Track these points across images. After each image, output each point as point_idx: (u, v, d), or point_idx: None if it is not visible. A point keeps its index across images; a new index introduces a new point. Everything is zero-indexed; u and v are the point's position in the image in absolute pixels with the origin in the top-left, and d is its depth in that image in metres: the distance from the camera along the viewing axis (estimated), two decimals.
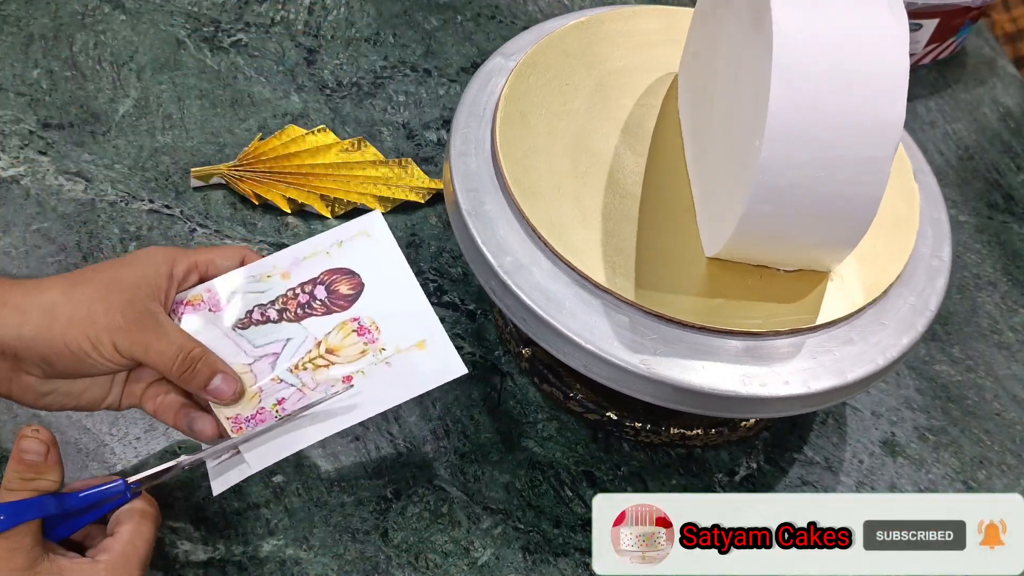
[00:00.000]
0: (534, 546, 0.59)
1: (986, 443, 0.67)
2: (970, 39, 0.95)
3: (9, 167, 0.71)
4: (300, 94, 0.79)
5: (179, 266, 0.53)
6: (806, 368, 0.52)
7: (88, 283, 0.50)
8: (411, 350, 0.53)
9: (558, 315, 0.51)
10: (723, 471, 0.63)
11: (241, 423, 0.51)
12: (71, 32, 0.80)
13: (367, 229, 0.57)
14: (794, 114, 0.47)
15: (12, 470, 0.46)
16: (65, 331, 0.48)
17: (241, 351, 0.53)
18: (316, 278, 0.55)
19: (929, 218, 0.59)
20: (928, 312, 0.55)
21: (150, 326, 0.50)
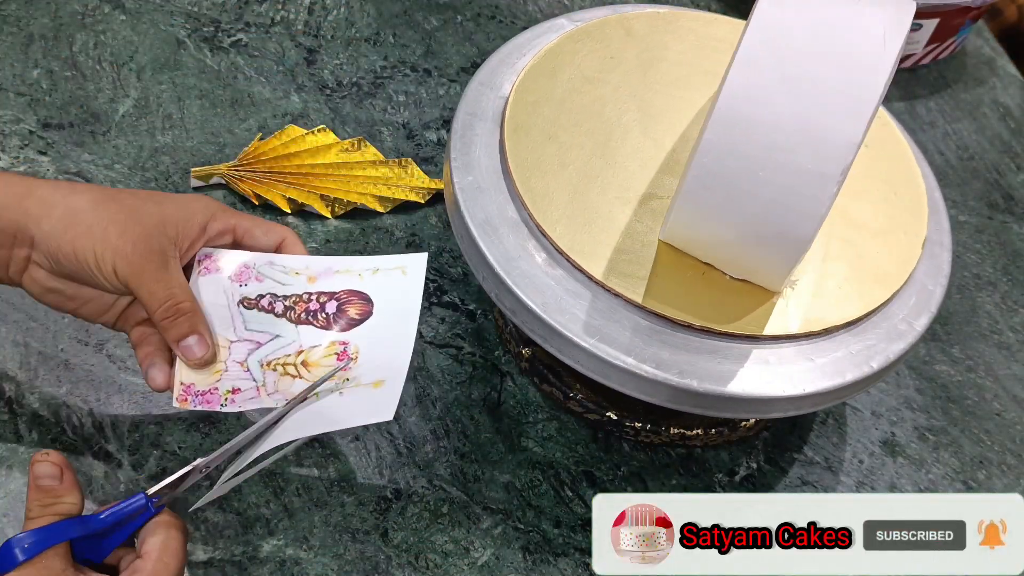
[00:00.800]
0: (534, 546, 0.59)
1: (986, 443, 0.67)
2: (970, 39, 0.95)
3: (9, 167, 0.71)
4: (300, 94, 0.79)
5: (216, 222, 0.53)
6: (806, 369, 0.52)
7: (118, 203, 0.50)
8: (367, 387, 0.51)
9: (558, 315, 0.51)
10: (723, 471, 0.63)
11: (190, 395, 0.51)
12: (71, 32, 0.80)
13: (406, 266, 0.55)
14: (746, 105, 0.46)
15: (31, 499, 0.46)
16: (77, 238, 0.49)
17: (232, 326, 0.53)
18: (335, 293, 0.54)
19: (929, 218, 0.59)
20: (928, 312, 0.55)
21: (154, 264, 0.50)
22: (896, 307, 0.55)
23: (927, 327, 0.55)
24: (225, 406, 0.51)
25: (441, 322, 0.67)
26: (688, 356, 0.51)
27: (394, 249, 0.70)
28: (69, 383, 0.61)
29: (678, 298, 0.52)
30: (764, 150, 0.47)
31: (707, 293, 0.53)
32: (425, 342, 0.66)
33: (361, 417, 0.51)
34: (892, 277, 0.54)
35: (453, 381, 0.65)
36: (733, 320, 0.51)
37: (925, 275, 0.56)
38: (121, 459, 0.58)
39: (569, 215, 0.54)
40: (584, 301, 0.52)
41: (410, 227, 0.72)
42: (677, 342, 0.51)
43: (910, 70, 0.91)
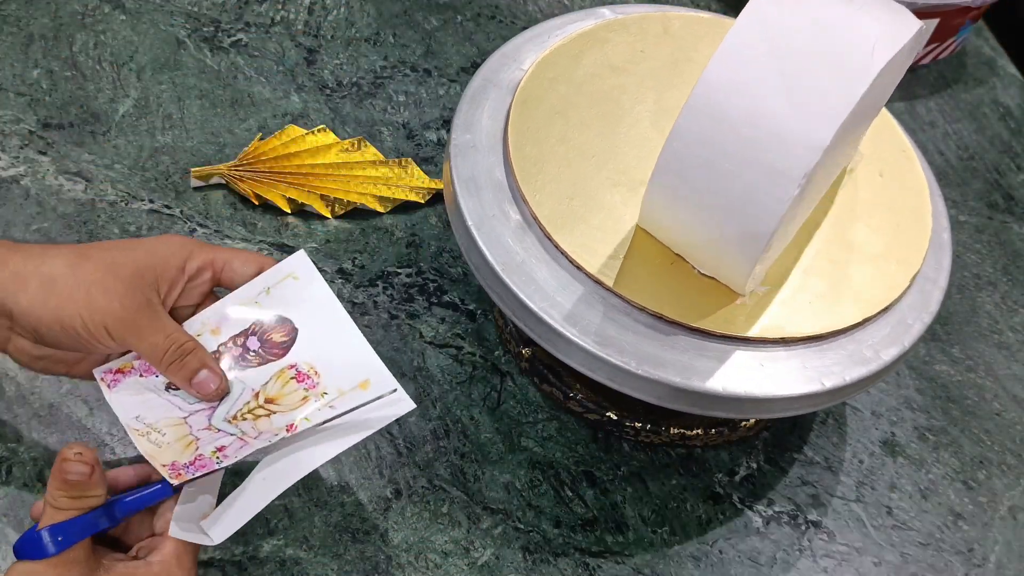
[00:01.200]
0: (534, 546, 0.59)
1: (986, 443, 0.67)
2: (970, 39, 0.95)
3: (9, 167, 0.71)
4: (300, 94, 0.79)
5: (194, 260, 0.52)
6: (806, 368, 0.52)
7: (94, 262, 0.49)
8: (355, 391, 0.51)
9: (558, 315, 0.51)
10: (723, 471, 0.63)
11: (179, 469, 0.48)
12: (71, 32, 0.80)
13: (294, 271, 0.54)
14: (721, 96, 0.46)
15: (57, 488, 0.45)
16: (60, 308, 0.48)
17: (175, 407, 0.51)
18: (247, 329, 0.53)
19: (928, 255, 0.58)
20: (928, 312, 0.55)
21: (146, 316, 0.49)
22: (896, 307, 0.55)
23: (927, 327, 0.55)
24: (221, 463, 0.48)
25: (441, 322, 0.67)
26: (688, 356, 0.51)
27: (394, 249, 0.70)
28: (69, 383, 0.61)
29: (646, 285, 0.52)
30: (732, 142, 0.47)
31: (673, 285, 0.53)
32: (425, 342, 0.66)
33: (379, 418, 0.50)
34: (869, 303, 0.53)
35: (453, 381, 0.65)
36: (692, 314, 0.51)
37: (925, 275, 0.56)
38: (122, 459, 0.58)
39: (553, 185, 0.55)
40: (584, 301, 0.52)
41: (410, 227, 0.72)
42: (678, 342, 0.51)
43: (910, 70, 0.91)
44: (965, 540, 0.63)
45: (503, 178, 0.56)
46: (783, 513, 0.62)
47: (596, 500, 0.61)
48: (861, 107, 0.47)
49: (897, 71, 0.51)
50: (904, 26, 0.47)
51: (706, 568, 0.59)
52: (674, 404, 0.51)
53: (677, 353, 0.51)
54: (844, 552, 0.61)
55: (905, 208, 0.58)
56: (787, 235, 0.53)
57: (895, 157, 0.60)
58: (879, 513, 0.63)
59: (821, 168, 0.48)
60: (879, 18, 0.47)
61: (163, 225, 0.69)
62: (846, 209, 0.57)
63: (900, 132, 0.62)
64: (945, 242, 0.59)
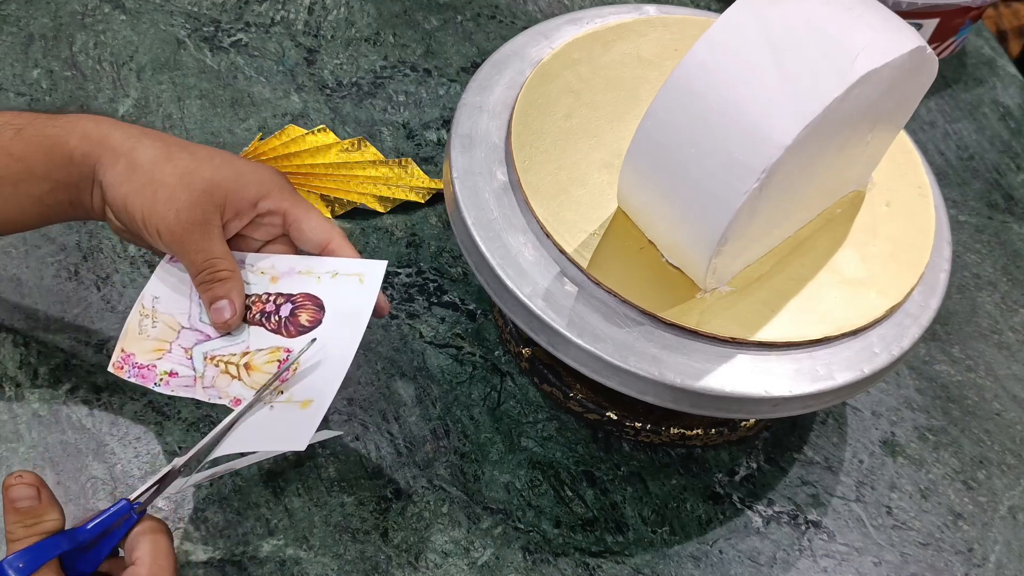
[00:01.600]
0: (534, 546, 0.59)
1: (986, 443, 0.67)
2: (970, 39, 0.95)
3: None
4: (300, 94, 0.79)
5: (268, 200, 0.54)
6: (806, 368, 0.52)
7: (174, 163, 0.52)
8: (295, 405, 0.50)
9: (558, 315, 0.51)
10: (723, 471, 0.63)
11: (127, 364, 0.52)
12: (71, 32, 0.80)
13: (363, 274, 0.54)
14: (697, 82, 0.47)
15: (10, 522, 0.45)
16: (129, 195, 0.51)
17: (187, 313, 0.54)
18: (293, 295, 0.54)
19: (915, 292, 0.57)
20: (928, 312, 0.55)
21: (195, 234, 0.52)
22: (896, 307, 0.55)
23: (927, 327, 0.55)
24: (158, 385, 0.51)
25: (441, 322, 0.67)
26: (688, 356, 0.51)
27: (394, 249, 0.70)
28: (69, 383, 0.61)
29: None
30: (700, 128, 0.47)
31: (639, 270, 0.53)
32: (425, 342, 0.66)
33: (273, 442, 0.50)
34: (836, 321, 0.53)
35: (453, 381, 0.65)
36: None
37: (907, 307, 0.55)
38: (121, 459, 0.58)
39: (544, 152, 0.55)
40: (584, 301, 0.52)
41: (410, 227, 0.72)
42: (677, 342, 0.51)
43: None
44: (965, 540, 0.63)
45: (500, 141, 0.57)
46: (783, 513, 0.62)
47: (596, 500, 0.61)
48: (841, 116, 0.46)
49: (897, 91, 0.50)
50: (898, 43, 0.46)
51: (706, 568, 0.59)
52: (677, 405, 0.51)
53: (640, 341, 0.51)
54: (844, 552, 0.61)
55: (905, 243, 0.57)
56: (760, 239, 0.52)
57: (908, 192, 0.59)
58: (879, 513, 0.63)
59: (796, 171, 0.47)
60: (875, 29, 0.46)
61: None
62: (843, 228, 0.57)
63: (920, 167, 0.60)
64: (934, 190, 0.59)
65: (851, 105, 0.46)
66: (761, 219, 0.50)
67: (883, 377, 0.55)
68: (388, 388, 0.64)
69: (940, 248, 0.58)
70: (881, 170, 0.59)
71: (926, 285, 0.56)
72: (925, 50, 0.48)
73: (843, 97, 0.45)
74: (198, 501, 0.57)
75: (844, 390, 0.52)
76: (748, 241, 0.51)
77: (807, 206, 0.55)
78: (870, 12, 0.48)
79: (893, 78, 0.48)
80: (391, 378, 0.64)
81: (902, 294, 0.54)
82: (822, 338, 0.52)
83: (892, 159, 0.60)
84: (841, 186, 0.57)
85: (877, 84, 0.47)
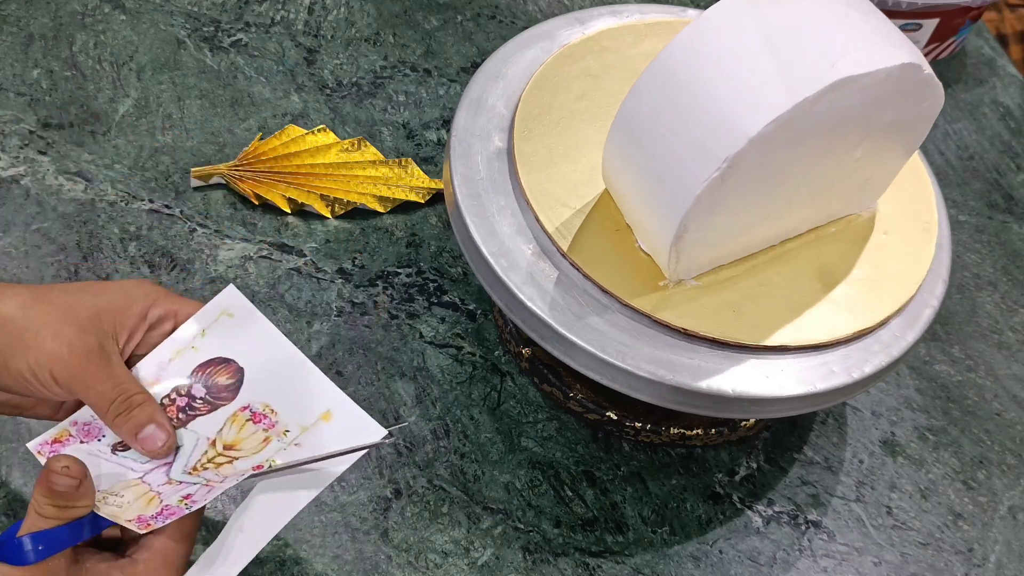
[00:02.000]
0: (534, 546, 0.59)
1: (986, 443, 0.67)
2: (970, 39, 0.95)
3: (9, 167, 0.71)
4: (300, 94, 0.79)
5: (157, 308, 0.49)
6: (806, 368, 0.52)
7: (49, 303, 0.47)
8: (317, 425, 0.48)
9: (558, 315, 0.51)
10: (723, 471, 0.63)
11: (147, 521, 0.45)
12: (71, 32, 0.80)
13: (227, 308, 0.51)
14: (680, 65, 0.47)
15: (43, 496, 0.43)
16: (5, 350, 0.46)
17: (127, 470, 0.47)
18: (189, 376, 0.50)
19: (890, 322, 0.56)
20: (928, 312, 0.55)
21: (95, 363, 0.46)
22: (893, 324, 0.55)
23: (927, 327, 0.55)
24: (190, 507, 0.46)
25: (441, 322, 0.67)
26: (687, 356, 0.51)
27: (394, 249, 0.70)
28: None
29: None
30: (674, 111, 0.47)
31: (613, 253, 0.53)
32: (425, 342, 0.66)
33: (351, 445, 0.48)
34: (783, 331, 0.52)
35: (453, 381, 0.65)
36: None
37: (907, 308, 0.55)
38: None
39: (546, 126, 0.56)
40: (584, 302, 0.52)
41: (410, 227, 0.72)
42: (677, 343, 0.51)
43: None
44: (965, 540, 0.63)
45: (507, 111, 0.58)
46: (783, 513, 0.62)
47: (596, 500, 0.61)
48: (818, 120, 0.46)
49: (890, 109, 0.49)
50: (887, 55, 0.45)
51: (706, 568, 0.59)
52: (677, 405, 0.51)
53: (611, 328, 0.51)
54: (844, 552, 0.61)
55: (897, 275, 0.56)
56: (731, 237, 0.52)
57: (913, 224, 0.57)
58: (879, 513, 0.63)
59: (768, 170, 0.47)
60: (866, 38, 0.46)
61: (163, 225, 0.69)
62: (832, 247, 0.56)
63: (932, 203, 0.59)
64: (940, 204, 0.59)
65: (828, 109, 0.46)
66: (727, 213, 0.49)
67: (889, 374, 0.55)
68: (388, 388, 0.64)
69: (931, 286, 0.56)
70: (890, 199, 0.58)
71: (904, 317, 0.54)
72: (921, 69, 0.47)
73: (816, 98, 0.44)
74: None
75: (785, 401, 0.51)
76: (715, 235, 0.50)
77: (790, 215, 0.54)
78: (867, 22, 0.47)
79: (880, 91, 0.47)
80: (391, 378, 0.64)
81: (872, 322, 0.53)
82: (777, 346, 0.51)
83: (903, 189, 0.58)
84: (834, 204, 0.55)
85: (859, 93, 0.46)
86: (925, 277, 0.55)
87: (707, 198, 0.46)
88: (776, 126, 0.44)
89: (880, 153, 0.53)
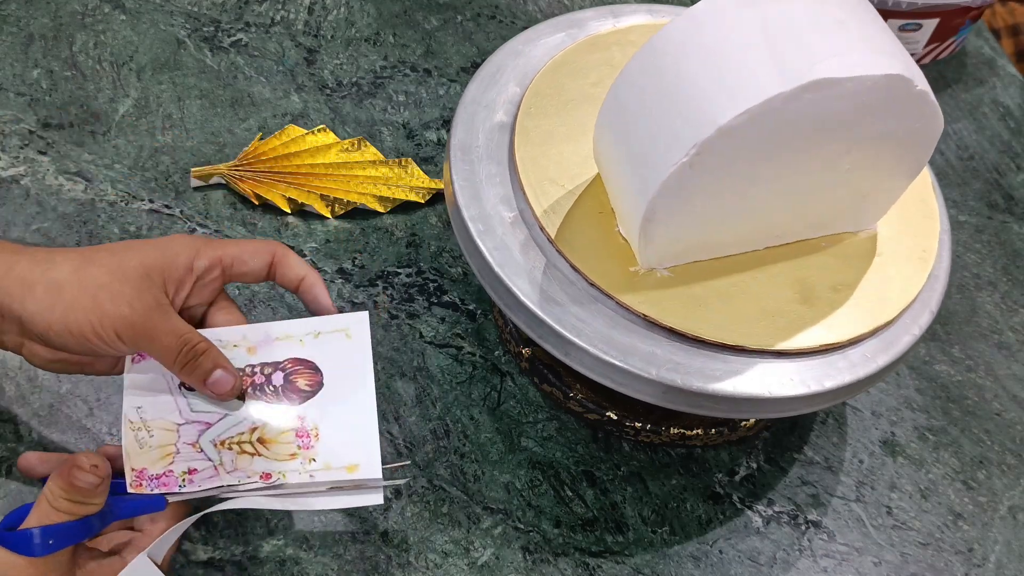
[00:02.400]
0: (534, 546, 0.59)
1: (986, 443, 0.67)
2: (970, 39, 0.95)
3: (9, 167, 0.71)
4: (300, 94, 0.79)
5: (202, 258, 0.51)
6: (806, 368, 0.51)
7: (100, 265, 0.48)
8: (340, 471, 0.49)
9: (558, 315, 0.51)
10: (723, 471, 0.63)
11: (144, 479, 0.48)
12: (71, 32, 0.80)
13: (349, 328, 0.52)
14: (670, 52, 0.47)
15: (61, 488, 0.45)
16: (68, 314, 0.47)
17: (177, 410, 0.50)
18: (280, 363, 0.51)
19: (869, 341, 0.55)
20: (928, 312, 0.55)
21: (156, 318, 0.48)
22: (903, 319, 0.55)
23: (927, 327, 0.55)
24: (184, 486, 0.48)
25: (441, 322, 0.67)
26: (687, 356, 0.51)
27: (394, 249, 0.70)
28: (69, 383, 0.61)
29: (573, 228, 0.52)
30: (656, 96, 0.47)
31: (592, 234, 0.53)
32: (425, 342, 0.66)
33: (345, 501, 0.50)
34: (742, 333, 0.51)
35: (453, 381, 0.65)
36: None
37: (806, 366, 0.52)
38: None
39: (553, 105, 0.57)
40: (584, 302, 0.52)
41: (410, 227, 0.72)
42: (676, 344, 0.51)
43: None
44: (965, 540, 0.63)
45: (519, 89, 0.58)
46: (783, 513, 0.62)
47: (596, 500, 0.61)
48: (794, 120, 0.45)
49: (879, 122, 0.48)
50: (873, 63, 0.45)
51: (706, 568, 0.59)
52: (677, 405, 0.51)
53: (572, 303, 0.51)
54: (844, 552, 0.61)
55: (877, 293, 0.55)
56: (704, 230, 0.51)
57: (910, 251, 0.56)
58: (879, 513, 0.63)
59: (740, 164, 0.47)
60: (855, 45, 0.45)
61: (163, 225, 0.69)
62: (818, 260, 0.55)
63: (936, 231, 0.57)
64: (940, 204, 0.58)
65: (807, 111, 0.45)
66: (697, 202, 0.48)
67: (889, 374, 0.55)
68: (388, 388, 0.64)
69: (915, 315, 0.54)
70: (892, 223, 0.57)
71: (880, 341, 0.53)
72: (912, 84, 0.46)
73: (792, 96, 0.44)
74: (198, 500, 0.57)
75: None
76: (686, 224, 0.50)
77: (771, 219, 0.53)
78: (863, 28, 0.46)
79: (866, 100, 0.46)
80: (391, 378, 0.64)
81: (839, 339, 0.52)
82: (733, 345, 0.51)
83: (907, 215, 0.57)
84: (824, 217, 0.54)
85: (842, 99, 0.45)
86: (910, 304, 0.54)
87: (674, 183, 0.46)
88: (747, 118, 0.44)
89: (874, 170, 0.52)
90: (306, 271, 0.53)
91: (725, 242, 0.53)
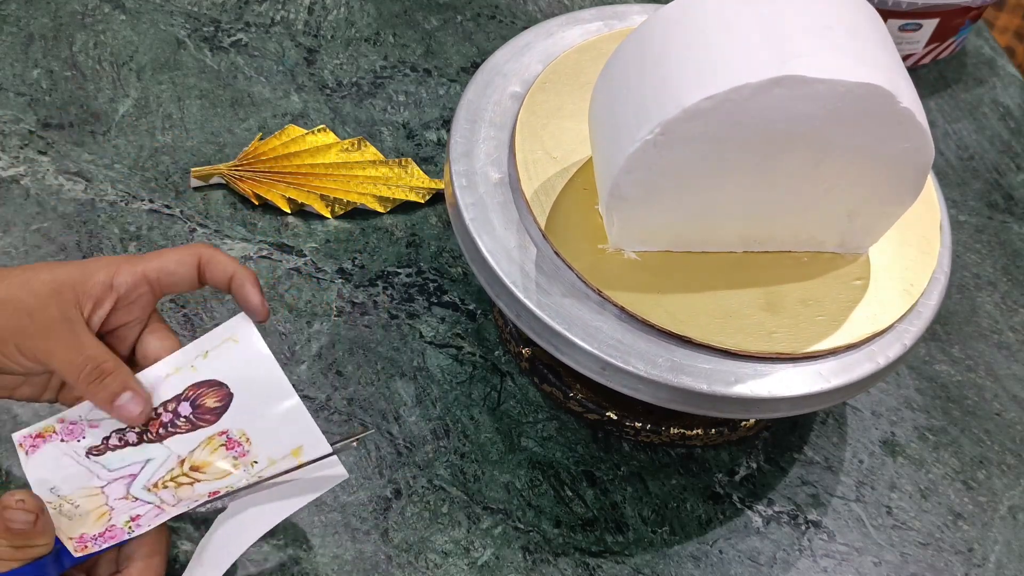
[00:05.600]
0: (534, 546, 0.59)
1: (986, 443, 0.67)
2: (970, 39, 0.95)
3: (9, 167, 0.71)
4: (300, 94, 0.79)
5: (123, 275, 0.48)
6: (806, 369, 0.52)
7: (8, 281, 0.47)
8: (286, 459, 0.48)
9: (558, 316, 0.51)
10: (723, 471, 0.63)
11: (87, 542, 0.45)
12: (71, 32, 0.80)
13: (233, 335, 0.51)
14: (659, 34, 0.48)
15: (1, 539, 0.42)
16: None
17: (94, 475, 0.48)
18: (180, 394, 0.50)
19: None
20: (928, 312, 0.55)
21: (60, 332, 0.46)
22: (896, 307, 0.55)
23: (927, 327, 0.55)
24: (132, 532, 0.46)
25: (441, 322, 0.67)
26: (687, 356, 0.51)
27: (394, 249, 0.70)
28: None
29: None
30: (638, 76, 0.48)
31: (572, 208, 0.54)
32: (425, 342, 0.66)
33: (310, 489, 0.49)
34: (687, 325, 0.51)
35: (453, 381, 0.65)
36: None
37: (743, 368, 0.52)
38: None
39: (568, 84, 0.58)
40: (583, 302, 0.52)
41: (410, 227, 0.72)
42: (676, 344, 0.51)
43: (910, 70, 0.91)
44: (965, 540, 0.63)
45: (530, 77, 0.59)
46: (783, 513, 0.62)
47: (596, 500, 0.61)
48: (764, 117, 0.45)
49: (858, 133, 0.47)
50: (850, 69, 0.44)
51: (706, 568, 0.59)
52: (677, 405, 0.51)
53: (539, 273, 0.52)
54: (844, 552, 0.61)
55: (847, 314, 0.54)
56: (675, 218, 0.51)
57: (895, 282, 0.55)
58: (879, 513, 0.63)
59: (708, 153, 0.47)
60: (842, 49, 0.45)
61: (163, 225, 0.69)
62: (794, 272, 0.54)
63: (928, 272, 0.56)
64: (941, 204, 0.58)
65: (777, 106, 0.45)
66: (662, 183, 0.48)
67: (889, 374, 0.55)
68: (388, 388, 0.64)
69: (886, 345, 0.53)
70: (885, 252, 0.56)
71: (838, 362, 0.52)
72: (894, 99, 0.45)
73: (759, 88, 0.44)
74: None
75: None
76: (651, 206, 0.50)
77: (745, 221, 0.52)
78: (855, 36, 0.46)
79: (841, 107, 0.45)
80: (391, 378, 0.64)
81: (786, 349, 0.51)
82: (669, 330, 0.51)
83: (909, 214, 0.55)
84: (809, 230, 0.53)
85: (814, 101, 0.45)
86: (879, 333, 0.53)
87: (639, 160, 0.47)
88: (713, 103, 0.45)
89: (857, 188, 0.50)
90: (234, 268, 0.50)
91: (699, 237, 0.53)
